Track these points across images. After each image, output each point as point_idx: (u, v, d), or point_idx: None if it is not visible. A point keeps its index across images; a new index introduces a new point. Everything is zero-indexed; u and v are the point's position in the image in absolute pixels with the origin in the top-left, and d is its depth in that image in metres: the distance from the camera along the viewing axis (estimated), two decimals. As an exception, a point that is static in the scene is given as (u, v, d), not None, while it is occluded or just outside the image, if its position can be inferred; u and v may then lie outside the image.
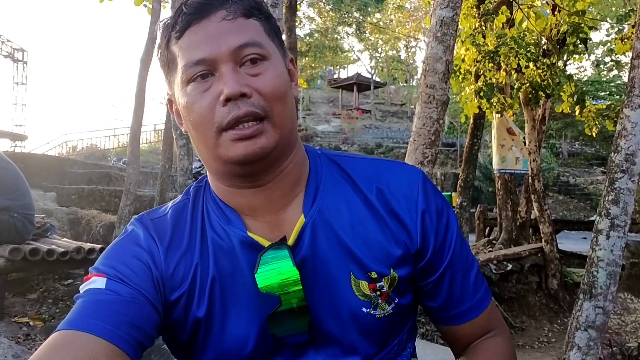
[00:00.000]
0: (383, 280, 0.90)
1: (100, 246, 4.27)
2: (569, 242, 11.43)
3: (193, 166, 5.55)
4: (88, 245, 4.20)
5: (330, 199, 0.93)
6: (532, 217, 8.12)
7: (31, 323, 3.83)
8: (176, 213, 0.95)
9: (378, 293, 0.90)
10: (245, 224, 0.91)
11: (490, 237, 9.29)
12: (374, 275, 0.90)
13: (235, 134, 0.82)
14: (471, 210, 10.43)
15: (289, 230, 0.90)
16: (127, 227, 0.96)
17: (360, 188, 0.94)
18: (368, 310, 0.90)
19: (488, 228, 10.08)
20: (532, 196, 7.46)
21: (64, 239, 4.85)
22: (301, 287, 0.86)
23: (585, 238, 12.56)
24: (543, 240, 7.37)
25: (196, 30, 0.83)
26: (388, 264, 0.91)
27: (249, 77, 0.83)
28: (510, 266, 6.80)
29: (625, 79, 2.91)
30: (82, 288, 0.84)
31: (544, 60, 6.34)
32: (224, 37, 0.82)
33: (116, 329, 0.77)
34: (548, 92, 6.44)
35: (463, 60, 6.60)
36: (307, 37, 28.50)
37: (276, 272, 0.86)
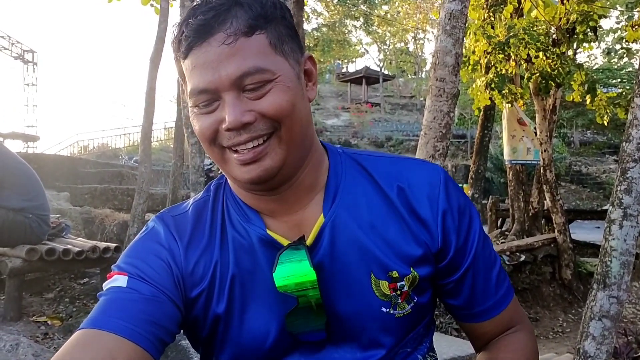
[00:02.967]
0: (404, 279, 0.91)
1: (115, 245, 4.31)
2: (582, 231, 11.36)
3: (204, 163, 5.58)
4: (103, 244, 4.24)
5: (350, 199, 0.93)
6: (545, 207, 8.07)
7: (49, 322, 3.88)
8: (197, 210, 0.96)
9: (398, 292, 0.91)
10: (264, 222, 0.92)
11: (503, 229, 9.26)
12: (395, 274, 0.90)
13: (238, 159, 0.83)
14: (483, 201, 10.40)
15: (308, 229, 0.91)
16: (148, 223, 0.98)
17: (381, 187, 0.94)
18: (387, 310, 0.91)
19: (500, 219, 10.05)
20: (544, 186, 7.41)
21: (79, 238, 4.90)
22: (318, 288, 0.87)
23: (598, 227, 12.47)
24: (556, 231, 7.32)
25: (197, 55, 0.81)
26: (409, 263, 0.91)
27: (251, 102, 0.81)
28: (523, 257, 6.78)
29: (637, 66, 2.90)
30: (105, 286, 0.86)
31: (554, 50, 6.29)
32: (224, 65, 0.80)
33: (137, 327, 0.79)
34: (558, 81, 6.39)
35: (473, 52, 6.56)
36: (315, 32, 28.43)
37: (293, 273, 0.86)
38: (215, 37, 0.80)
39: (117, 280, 0.85)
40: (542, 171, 7.40)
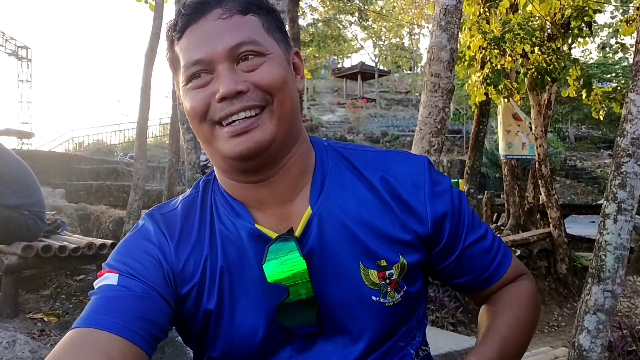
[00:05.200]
0: (393, 267, 0.92)
1: (111, 241, 4.30)
2: (577, 226, 11.41)
3: (200, 159, 5.58)
4: (99, 241, 4.23)
5: (336, 190, 0.94)
6: (540, 202, 8.10)
7: (45, 319, 3.88)
8: (186, 207, 0.97)
9: (387, 281, 0.92)
10: (253, 216, 0.93)
11: (498, 223, 9.30)
12: (383, 263, 0.91)
13: (229, 131, 0.84)
14: (478, 196, 10.44)
15: (296, 222, 0.91)
16: (138, 222, 0.98)
17: (366, 178, 0.95)
18: (377, 298, 0.92)
19: (496, 214, 10.08)
20: (539, 181, 7.44)
21: (75, 235, 4.88)
22: (309, 278, 0.88)
23: (593, 222, 12.53)
24: (551, 225, 7.35)
25: (194, 30, 0.85)
26: (397, 250, 0.92)
27: (245, 74, 0.84)
28: (518, 252, 6.80)
29: (631, 61, 2.90)
30: (96, 284, 0.87)
31: (549, 45, 6.31)
32: (219, 36, 0.84)
33: (129, 325, 0.79)
34: (554, 76, 6.40)
35: (468, 47, 6.57)
36: (310, 27, 28.37)
37: (284, 264, 0.87)
38: (212, 13, 0.85)
39: (108, 278, 0.86)
40: (537, 166, 7.42)
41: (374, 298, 0.92)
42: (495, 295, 1.04)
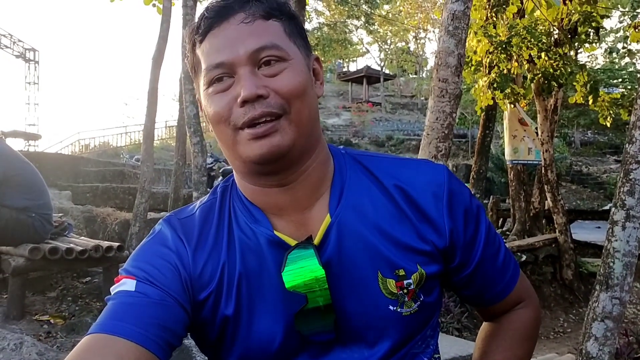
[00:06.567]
0: (412, 277, 0.91)
1: (118, 244, 4.30)
2: (583, 231, 11.36)
3: (206, 162, 5.58)
4: (106, 244, 4.23)
5: (355, 198, 0.93)
6: (546, 207, 8.08)
7: (52, 321, 3.89)
8: (204, 213, 0.97)
9: (405, 291, 0.91)
10: (271, 222, 0.92)
11: (504, 228, 9.27)
12: (401, 272, 0.91)
13: (250, 133, 0.84)
14: (484, 201, 10.43)
15: (315, 229, 0.91)
16: (155, 227, 0.98)
17: (385, 187, 0.95)
18: (395, 308, 0.91)
19: (501, 219, 10.05)
20: (545, 186, 7.42)
21: (82, 237, 4.90)
22: (327, 286, 0.87)
23: (599, 227, 12.47)
24: (557, 231, 7.33)
25: (216, 34, 0.86)
26: (415, 260, 0.92)
27: (266, 79, 0.84)
28: (524, 257, 6.79)
29: (638, 66, 2.90)
30: (113, 290, 0.86)
31: (556, 50, 6.30)
32: (241, 40, 0.84)
33: (145, 332, 0.79)
34: (560, 81, 6.39)
35: (475, 52, 6.56)
36: (316, 31, 28.39)
37: (302, 271, 0.87)
38: (235, 17, 0.85)
39: (126, 284, 0.86)
40: (543, 171, 7.40)
41: (391, 307, 0.91)
42: (497, 325, 1.07)
